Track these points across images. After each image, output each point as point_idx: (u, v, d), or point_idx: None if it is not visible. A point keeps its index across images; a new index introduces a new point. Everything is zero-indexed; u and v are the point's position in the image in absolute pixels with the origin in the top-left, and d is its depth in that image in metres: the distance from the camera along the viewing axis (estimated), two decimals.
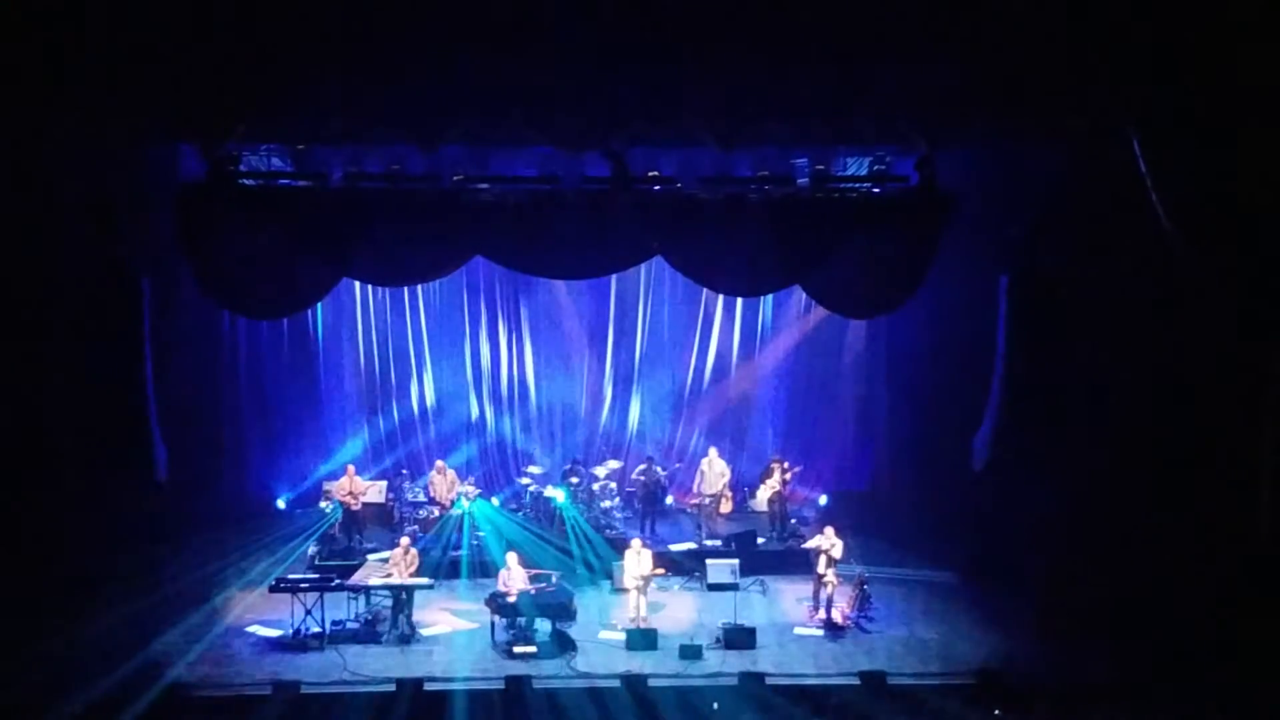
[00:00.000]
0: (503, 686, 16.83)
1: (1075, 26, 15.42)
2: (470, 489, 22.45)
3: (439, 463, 23.07)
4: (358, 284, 22.74)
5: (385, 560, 19.51)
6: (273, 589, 18.67)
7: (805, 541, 20.24)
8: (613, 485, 23.22)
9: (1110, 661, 17.34)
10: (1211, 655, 16.63)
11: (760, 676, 17.14)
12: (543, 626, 18.38)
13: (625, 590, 19.18)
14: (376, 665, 17.52)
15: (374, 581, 18.83)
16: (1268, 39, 14.87)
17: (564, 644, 18.16)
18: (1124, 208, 16.82)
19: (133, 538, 19.08)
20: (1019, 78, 15.98)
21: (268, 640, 18.35)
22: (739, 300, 23.79)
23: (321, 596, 18.44)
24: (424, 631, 18.65)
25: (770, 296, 23.56)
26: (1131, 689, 16.43)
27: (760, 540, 21.99)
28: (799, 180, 19.03)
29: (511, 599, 18.25)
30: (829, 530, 19.40)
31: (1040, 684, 16.96)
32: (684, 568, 20.84)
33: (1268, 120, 15.20)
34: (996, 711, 15.94)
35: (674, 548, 21.25)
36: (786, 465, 22.99)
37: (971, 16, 15.56)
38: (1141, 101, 15.78)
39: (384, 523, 22.42)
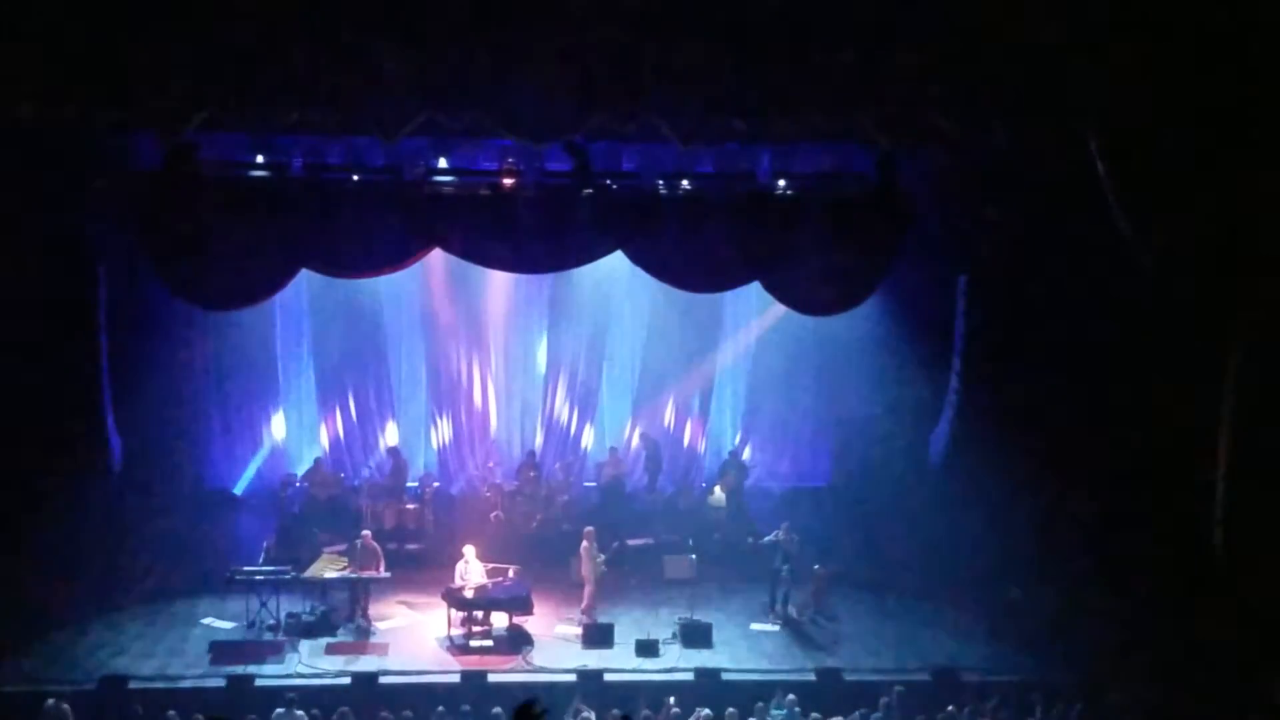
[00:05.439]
0: (459, 680, 16.83)
1: (1034, 28, 15.48)
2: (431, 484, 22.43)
3: (392, 446, 23.20)
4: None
5: (342, 553, 19.44)
6: (228, 581, 18.57)
7: (763, 537, 20.28)
8: (570, 480, 23.19)
9: (1064, 660, 17.51)
10: (1166, 655, 16.80)
11: (716, 672, 17.20)
12: (499, 621, 18.37)
13: (582, 584, 19.20)
14: (331, 658, 17.49)
15: (330, 574, 18.75)
16: (1224, 42, 14.99)
17: (520, 638, 18.16)
18: (1082, 209, 16.94)
19: (86, 528, 18.92)
20: (979, 79, 16.03)
21: (222, 632, 18.25)
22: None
23: (277, 589, 18.37)
24: (380, 625, 18.63)
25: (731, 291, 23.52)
26: (1085, 688, 16.57)
27: (717, 536, 22.03)
28: (759, 177, 19.07)
29: (468, 593, 18.21)
30: (786, 526, 19.46)
31: (994, 681, 17.10)
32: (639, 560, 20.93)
33: (1225, 123, 15.33)
34: (950, 707, 16.04)
35: (631, 542, 21.25)
36: (744, 461, 22.99)
37: (932, 16, 15.61)
38: (1100, 103, 15.88)
39: (342, 515, 22.20)
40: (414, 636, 18.45)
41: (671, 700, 15.91)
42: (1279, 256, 15.76)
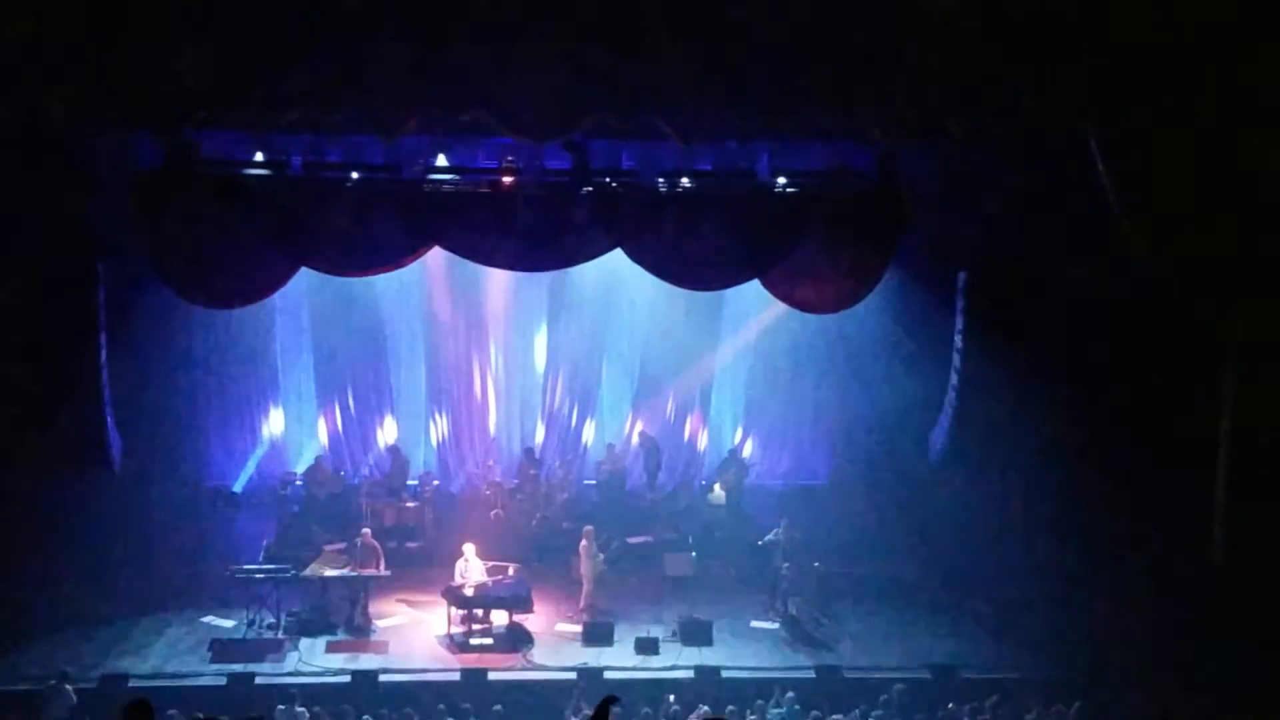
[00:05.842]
0: (459, 678, 16.83)
1: (1035, 27, 15.48)
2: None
3: (391, 444, 23.20)
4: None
5: (342, 551, 19.43)
6: (228, 579, 18.57)
7: (763, 536, 20.28)
8: (570, 478, 23.19)
9: (1064, 659, 17.52)
10: (1165, 655, 16.82)
11: (716, 670, 17.21)
12: (499, 619, 18.37)
13: (581, 581, 19.20)
14: (332, 656, 17.50)
15: (330, 573, 18.75)
16: (1222, 43, 15.00)
17: (520, 636, 18.17)
18: (1081, 206, 16.94)
19: (86, 527, 18.93)
20: (979, 79, 16.02)
21: (223, 630, 18.26)
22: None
23: (277, 587, 18.37)
24: (380, 623, 18.63)
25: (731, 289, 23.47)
26: (1085, 687, 16.58)
27: (717, 534, 22.03)
28: (759, 175, 19.04)
29: (468, 591, 18.21)
30: (785, 523, 19.46)
31: (994, 679, 17.12)
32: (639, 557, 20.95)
33: (1222, 121, 15.34)
34: (950, 705, 16.06)
35: (631, 540, 21.25)
36: (744, 459, 22.93)
37: (931, 16, 15.59)
38: (1099, 102, 15.88)
39: (342, 513, 22.17)
40: (414, 634, 18.46)
41: (671, 698, 15.93)
42: (1279, 256, 15.79)
